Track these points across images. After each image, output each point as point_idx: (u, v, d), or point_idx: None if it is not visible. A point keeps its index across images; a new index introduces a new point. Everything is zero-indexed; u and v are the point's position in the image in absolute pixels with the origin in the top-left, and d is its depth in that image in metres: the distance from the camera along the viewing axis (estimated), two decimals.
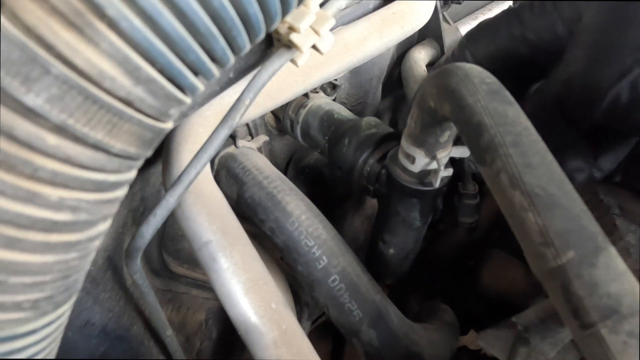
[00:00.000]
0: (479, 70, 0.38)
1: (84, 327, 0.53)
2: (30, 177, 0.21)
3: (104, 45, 0.20)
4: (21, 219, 0.22)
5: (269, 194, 0.54)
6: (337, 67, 0.59)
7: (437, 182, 0.50)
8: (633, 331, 0.27)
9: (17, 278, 0.23)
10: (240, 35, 0.25)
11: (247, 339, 0.44)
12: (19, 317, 0.25)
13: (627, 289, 0.28)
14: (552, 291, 0.30)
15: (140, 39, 0.21)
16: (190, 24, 0.22)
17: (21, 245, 0.22)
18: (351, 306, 0.52)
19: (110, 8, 0.20)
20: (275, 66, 0.38)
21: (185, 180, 0.39)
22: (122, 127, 0.23)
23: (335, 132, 0.64)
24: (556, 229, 0.29)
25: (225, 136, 0.38)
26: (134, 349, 0.62)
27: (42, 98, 0.20)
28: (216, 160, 0.59)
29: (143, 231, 0.40)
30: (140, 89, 0.22)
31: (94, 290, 0.53)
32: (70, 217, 0.23)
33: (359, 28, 0.60)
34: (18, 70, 0.20)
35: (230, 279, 0.45)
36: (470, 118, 0.35)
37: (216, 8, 0.22)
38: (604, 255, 0.29)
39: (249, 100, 0.38)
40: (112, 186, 0.25)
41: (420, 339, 0.56)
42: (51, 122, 0.21)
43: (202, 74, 0.25)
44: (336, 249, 0.53)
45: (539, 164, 0.32)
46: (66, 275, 0.26)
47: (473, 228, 0.87)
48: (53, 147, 0.21)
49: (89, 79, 0.21)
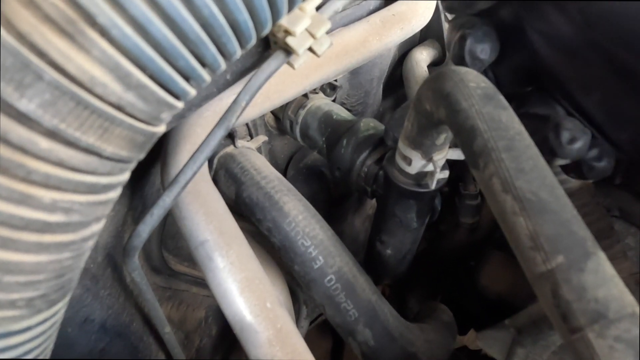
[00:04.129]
0: (474, 75, 0.38)
1: (83, 324, 0.53)
2: (24, 179, 0.22)
3: (95, 52, 0.21)
4: (15, 220, 0.22)
5: (266, 194, 0.54)
6: (336, 69, 0.59)
7: (434, 184, 0.51)
8: (620, 336, 0.27)
9: (12, 277, 0.24)
10: (230, 41, 0.25)
11: (242, 338, 0.45)
12: (13, 315, 0.25)
13: (615, 294, 0.28)
14: (541, 295, 0.30)
15: (131, 46, 0.21)
16: (180, 32, 0.22)
17: (15, 245, 0.23)
18: (347, 306, 0.53)
19: (102, 16, 0.20)
20: (271, 68, 0.39)
21: (182, 180, 0.39)
22: (114, 131, 0.23)
23: (334, 133, 0.64)
24: (546, 233, 0.30)
25: (222, 137, 0.39)
26: (133, 346, 0.62)
27: (34, 103, 0.21)
28: (215, 160, 0.60)
29: (140, 230, 0.41)
30: (131, 94, 0.23)
31: (93, 287, 0.54)
32: (63, 218, 0.24)
33: (358, 30, 0.61)
34: (11, 77, 0.20)
35: (226, 278, 0.45)
36: (464, 122, 0.35)
37: (206, 16, 0.23)
38: (592, 260, 0.29)
39: (245, 102, 0.38)
40: (104, 188, 0.25)
41: (416, 338, 0.56)
42: (44, 127, 0.21)
43: (193, 79, 0.26)
44: (332, 249, 0.53)
45: (531, 169, 0.32)
46: (60, 274, 0.26)
47: (474, 229, 0.88)
48: (46, 151, 0.22)
49: (81, 85, 0.21)
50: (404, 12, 0.64)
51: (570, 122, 0.40)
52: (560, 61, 0.41)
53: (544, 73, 0.43)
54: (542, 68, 0.42)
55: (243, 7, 0.24)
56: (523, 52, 0.43)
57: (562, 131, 0.40)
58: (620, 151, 0.43)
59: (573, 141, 0.40)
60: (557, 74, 0.42)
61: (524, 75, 0.45)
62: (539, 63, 0.42)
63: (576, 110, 0.42)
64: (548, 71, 0.42)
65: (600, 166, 0.43)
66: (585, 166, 0.43)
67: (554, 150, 0.40)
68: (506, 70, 0.46)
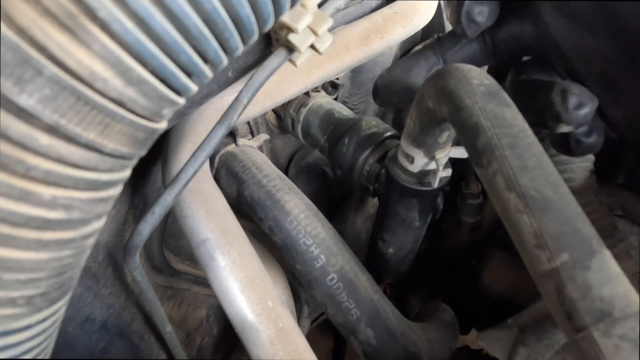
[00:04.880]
0: (477, 72, 0.38)
1: (84, 323, 0.53)
2: (24, 176, 0.22)
3: (96, 47, 0.21)
4: (15, 217, 0.22)
5: (268, 192, 0.54)
6: (337, 67, 0.59)
7: (436, 182, 0.50)
8: (625, 334, 0.27)
9: (12, 275, 0.24)
10: (232, 37, 0.25)
11: (244, 337, 0.45)
12: (13, 313, 0.25)
13: (620, 292, 0.28)
14: (546, 293, 0.30)
15: (132, 41, 0.21)
16: (182, 27, 0.22)
17: (15, 242, 0.23)
18: (349, 305, 0.52)
19: (102, 10, 0.20)
20: (273, 66, 0.38)
21: (183, 179, 0.39)
22: (114, 128, 0.23)
23: (335, 131, 0.64)
24: (551, 231, 0.29)
25: (223, 135, 0.39)
26: (134, 345, 0.62)
27: (34, 99, 0.20)
28: (217, 158, 0.59)
29: (141, 229, 0.41)
30: (132, 90, 0.22)
31: (94, 286, 0.53)
32: (63, 215, 0.24)
33: (360, 27, 0.60)
34: (11, 72, 0.20)
35: (228, 277, 0.45)
36: (468, 120, 0.35)
37: (208, 11, 0.22)
38: (597, 258, 0.29)
39: (247, 100, 0.38)
40: (105, 185, 0.25)
41: (418, 338, 0.56)
42: (44, 122, 0.21)
43: (195, 75, 0.25)
44: (334, 247, 0.53)
45: (535, 167, 0.32)
46: (60, 272, 0.26)
47: (476, 228, 0.87)
48: (46, 147, 0.21)
49: (81, 80, 0.21)
50: (406, 10, 0.64)
51: (578, 87, 0.39)
52: (566, 29, 0.39)
53: (547, 40, 0.41)
54: (546, 35, 0.41)
55: (245, 2, 0.24)
56: (526, 18, 0.42)
57: (570, 96, 0.38)
58: (613, 128, 0.42)
59: (580, 107, 0.38)
60: (560, 42, 0.40)
61: (524, 43, 0.44)
62: (543, 30, 0.41)
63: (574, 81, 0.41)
64: (551, 38, 0.41)
65: (588, 142, 0.42)
66: (573, 140, 0.42)
67: (559, 115, 0.39)
68: (505, 36, 0.44)
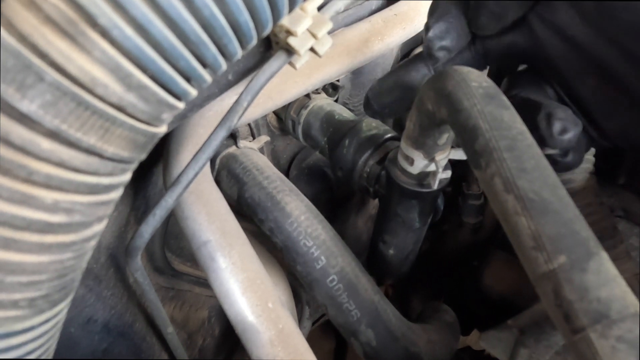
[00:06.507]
0: (476, 74, 0.38)
1: (86, 324, 0.54)
2: (26, 180, 0.22)
3: (96, 53, 0.21)
4: (17, 221, 0.23)
5: (268, 194, 0.54)
6: (337, 69, 0.59)
7: (436, 184, 0.50)
8: (622, 336, 0.27)
9: (14, 277, 0.24)
10: (231, 42, 0.25)
11: (244, 338, 0.45)
12: (16, 315, 0.25)
13: (617, 294, 0.28)
14: (543, 295, 0.30)
15: (132, 47, 0.22)
16: (181, 32, 0.23)
17: (17, 245, 0.23)
18: (349, 306, 0.52)
19: (102, 17, 0.21)
20: (272, 69, 0.39)
21: (184, 181, 0.39)
22: (115, 132, 0.23)
23: (336, 133, 0.64)
24: (548, 233, 0.29)
25: (223, 138, 0.39)
26: (136, 346, 0.63)
27: (36, 104, 0.21)
28: (217, 160, 0.60)
29: (142, 231, 0.41)
30: (132, 95, 0.23)
31: (96, 288, 0.54)
32: (64, 218, 0.24)
33: (360, 30, 0.61)
34: (13, 78, 0.20)
35: (229, 278, 0.45)
36: (466, 122, 0.35)
37: (207, 17, 0.23)
38: (595, 260, 0.29)
39: (247, 103, 0.38)
40: (106, 189, 0.26)
41: (419, 339, 0.56)
42: (45, 128, 0.21)
43: (194, 80, 0.26)
44: (335, 249, 0.53)
45: (533, 169, 0.32)
46: (62, 274, 0.26)
47: (477, 228, 0.87)
48: (47, 152, 0.22)
49: (82, 86, 0.21)
50: (406, 12, 0.64)
51: (563, 111, 0.39)
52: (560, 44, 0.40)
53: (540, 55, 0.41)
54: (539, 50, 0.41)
55: (244, 8, 0.24)
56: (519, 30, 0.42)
57: (554, 121, 0.39)
58: (608, 139, 0.42)
59: (564, 132, 0.39)
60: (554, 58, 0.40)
61: (517, 53, 0.44)
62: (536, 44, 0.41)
63: (568, 95, 0.41)
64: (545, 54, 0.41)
65: (564, 162, 0.42)
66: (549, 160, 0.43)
67: (544, 139, 0.39)
68: (498, 44, 0.44)
